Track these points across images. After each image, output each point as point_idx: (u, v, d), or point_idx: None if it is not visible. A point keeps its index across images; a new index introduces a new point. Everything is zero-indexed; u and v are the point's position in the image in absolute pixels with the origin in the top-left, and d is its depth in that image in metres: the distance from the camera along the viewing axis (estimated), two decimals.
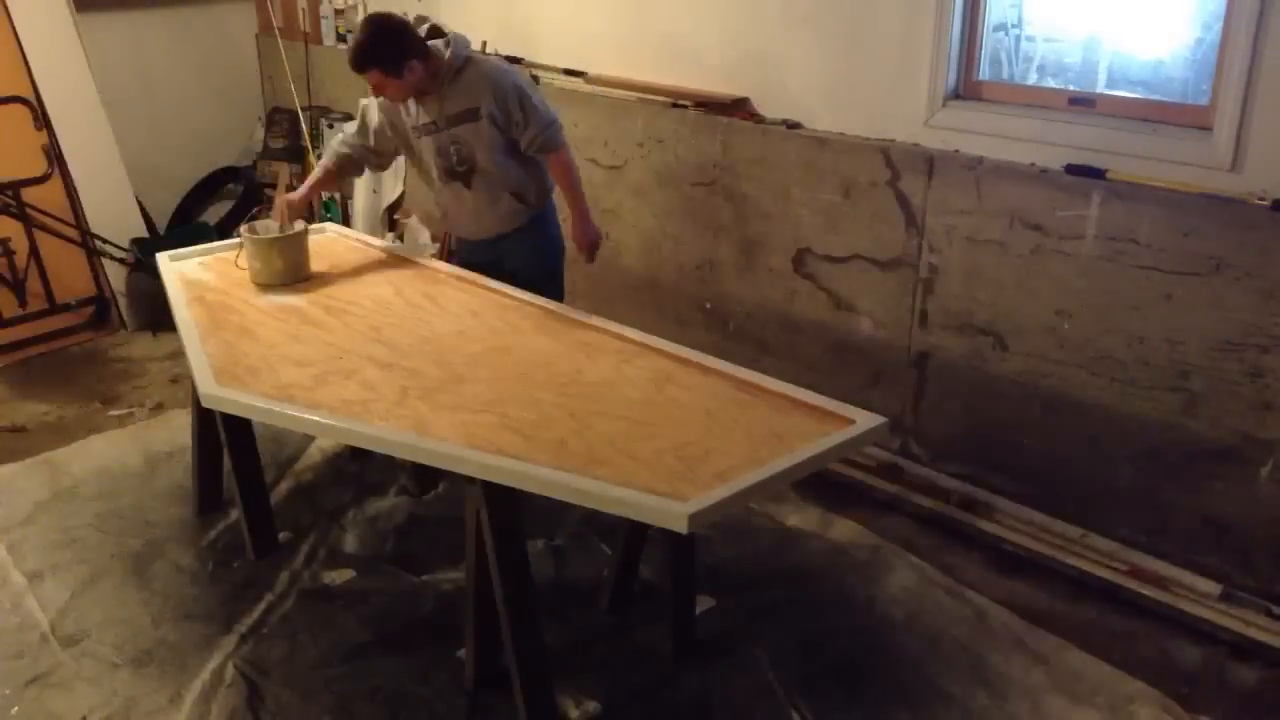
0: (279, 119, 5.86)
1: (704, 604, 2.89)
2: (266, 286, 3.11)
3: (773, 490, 2.99)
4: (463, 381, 2.49)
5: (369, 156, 3.38)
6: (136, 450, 3.78)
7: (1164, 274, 2.79)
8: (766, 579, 3.05)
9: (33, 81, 4.62)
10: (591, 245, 3.34)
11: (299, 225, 3.23)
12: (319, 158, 5.52)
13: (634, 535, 2.79)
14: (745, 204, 3.73)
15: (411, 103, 3.17)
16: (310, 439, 3.77)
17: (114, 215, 4.85)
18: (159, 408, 4.14)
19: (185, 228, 5.59)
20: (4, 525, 3.32)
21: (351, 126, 3.47)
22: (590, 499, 2.03)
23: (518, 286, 3.07)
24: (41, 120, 4.63)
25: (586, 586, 3.00)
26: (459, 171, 3.20)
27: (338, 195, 5.63)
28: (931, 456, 3.46)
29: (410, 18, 3.11)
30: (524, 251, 3.31)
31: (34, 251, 4.61)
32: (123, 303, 4.87)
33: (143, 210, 5.10)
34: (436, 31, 3.13)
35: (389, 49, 2.98)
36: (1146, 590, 2.89)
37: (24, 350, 4.61)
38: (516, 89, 3.10)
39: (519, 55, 4.54)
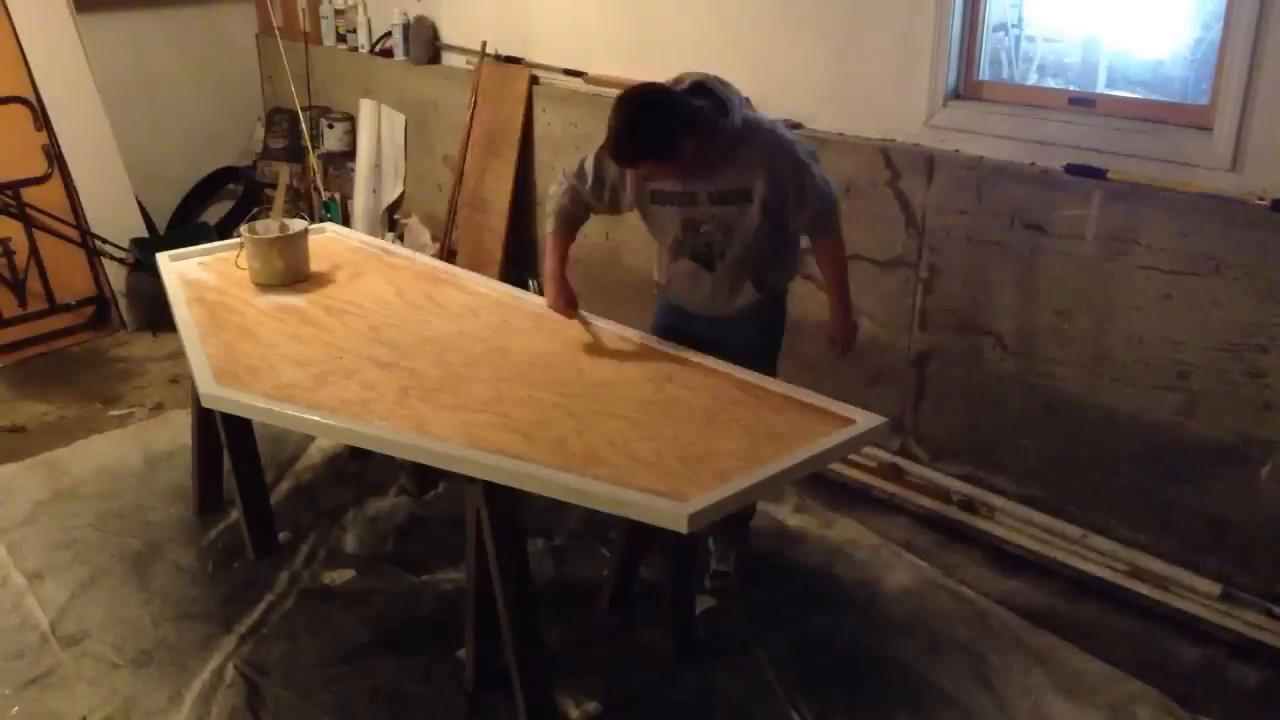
0: (279, 119, 5.85)
1: (704, 604, 2.89)
2: (266, 286, 3.11)
3: (773, 490, 2.99)
4: (463, 381, 2.50)
5: (586, 211, 2.79)
6: (136, 450, 3.78)
7: (1164, 274, 2.79)
8: (766, 579, 3.05)
9: (33, 81, 4.62)
10: (849, 340, 2.85)
11: (298, 225, 3.24)
12: (319, 158, 5.55)
13: (634, 535, 2.79)
14: None
15: None
16: (310, 439, 3.77)
17: (114, 215, 4.85)
18: (159, 408, 4.14)
19: (185, 228, 5.59)
20: (4, 525, 3.32)
21: (571, 171, 2.76)
22: (590, 499, 2.04)
23: (724, 359, 2.62)
24: (41, 120, 4.63)
25: (586, 586, 3.00)
26: (704, 254, 2.68)
27: (338, 195, 5.64)
28: (931, 456, 3.46)
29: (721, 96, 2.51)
30: (747, 331, 2.76)
31: (34, 251, 4.61)
32: (123, 303, 4.87)
33: (143, 210, 5.10)
34: (700, 88, 2.51)
35: (661, 133, 2.39)
36: (1146, 590, 2.89)
37: (24, 350, 4.61)
38: (796, 165, 2.54)
39: (519, 55, 4.54)
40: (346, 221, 5.50)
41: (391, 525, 3.32)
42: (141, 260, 4.71)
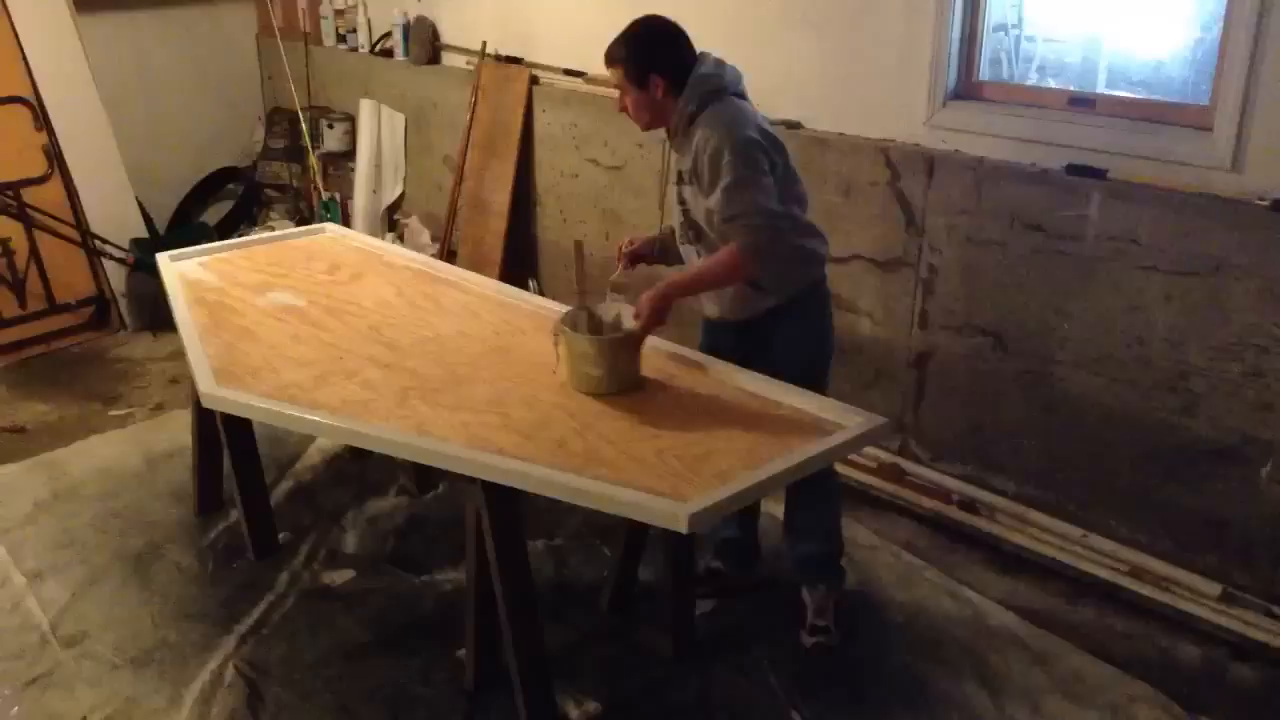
0: (279, 119, 5.86)
1: (704, 604, 2.89)
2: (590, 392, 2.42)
3: (773, 490, 3.00)
4: (463, 382, 2.49)
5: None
6: (136, 450, 3.78)
7: (1164, 274, 2.79)
8: (766, 579, 3.05)
9: (33, 81, 4.62)
10: (652, 307, 2.42)
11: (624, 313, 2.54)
12: (319, 158, 5.56)
13: (634, 535, 2.79)
14: None
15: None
16: (310, 439, 3.77)
17: (114, 215, 4.85)
18: (159, 408, 4.14)
19: (185, 228, 5.59)
20: (4, 525, 3.32)
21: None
22: (590, 499, 2.03)
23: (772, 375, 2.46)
24: (41, 120, 4.63)
25: (586, 586, 3.00)
26: (689, 235, 2.62)
27: (338, 195, 5.64)
28: (931, 456, 3.46)
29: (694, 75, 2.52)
30: (774, 341, 2.61)
31: (34, 252, 4.61)
32: (123, 303, 4.87)
33: (143, 210, 5.10)
34: (700, 58, 2.57)
35: (638, 48, 2.53)
36: (1146, 590, 2.89)
37: (24, 350, 4.61)
38: (717, 153, 2.40)
39: (519, 55, 4.54)
40: (346, 221, 5.50)
41: (391, 525, 3.32)
42: (141, 260, 4.71)
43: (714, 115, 2.48)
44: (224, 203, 6.03)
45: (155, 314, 4.73)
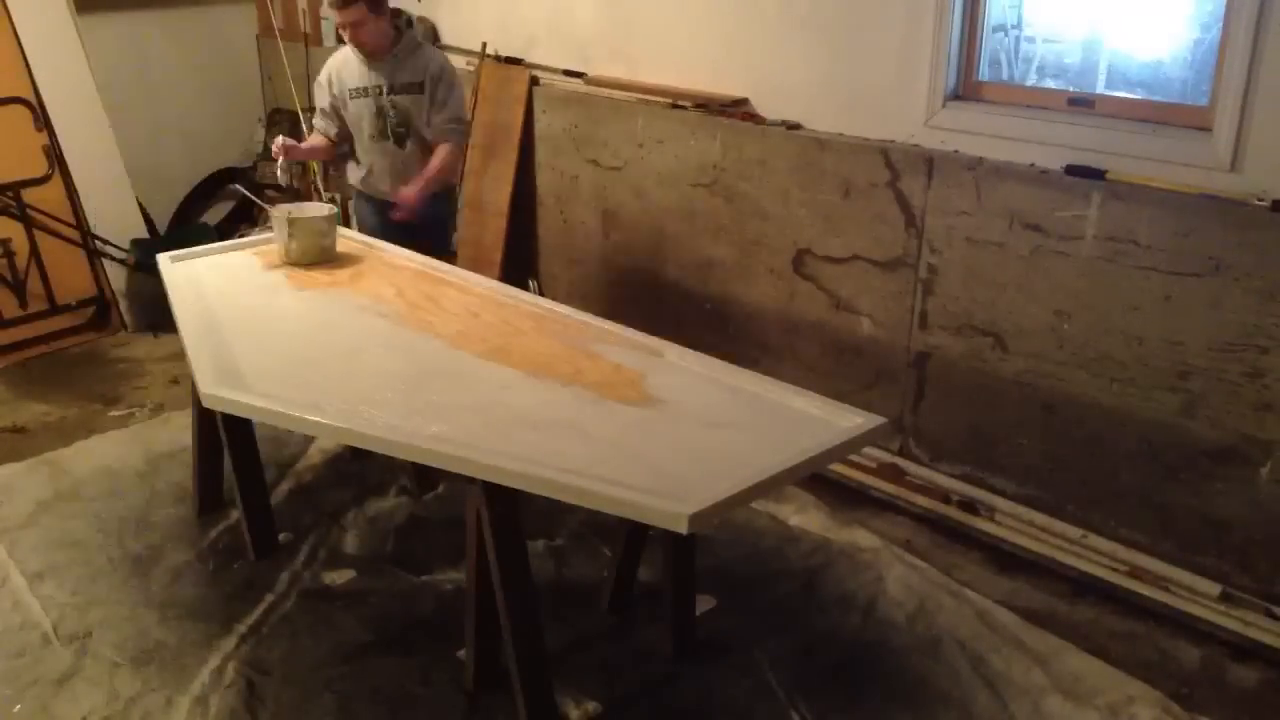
0: (279, 120, 5.86)
1: (704, 604, 2.89)
2: (297, 264, 3.27)
3: (773, 490, 3.00)
4: (462, 382, 2.49)
5: (337, 135, 3.88)
6: (137, 450, 3.78)
7: (1164, 274, 2.79)
8: (767, 579, 3.05)
9: (33, 82, 4.63)
10: (405, 208, 3.62)
11: (329, 209, 3.45)
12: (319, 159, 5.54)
13: (634, 535, 2.80)
14: (745, 204, 3.73)
15: (358, 65, 3.69)
16: (310, 439, 3.77)
17: (114, 216, 4.85)
18: (160, 408, 4.14)
19: (185, 228, 5.59)
20: (5, 525, 3.32)
21: (318, 120, 3.93)
22: (590, 499, 2.04)
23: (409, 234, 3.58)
24: (42, 121, 4.63)
25: (586, 587, 3.00)
26: (398, 132, 3.71)
27: (338, 196, 5.63)
28: (931, 457, 3.46)
29: (407, 16, 3.73)
30: (427, 217, 3.73)
31: (34, 252, 4.61)
32: (123, 303, 4.87)
33: (143, 211, 5.10)
34: (397, 11, 3.73)
35: None
36: (1146, 590, 2.89)
37: (25, 351, 4.61)
38: (451, 81, 3.67)
39: (519, 56, 4.54)
40: (347, 222, 5.49)
41: (391, 525, 3.32)
42: (142, 261, 4.71)
43: (433, 49, 3.83)
44: (224, 203, 6.03)
45: (156, 314, 4.73)
